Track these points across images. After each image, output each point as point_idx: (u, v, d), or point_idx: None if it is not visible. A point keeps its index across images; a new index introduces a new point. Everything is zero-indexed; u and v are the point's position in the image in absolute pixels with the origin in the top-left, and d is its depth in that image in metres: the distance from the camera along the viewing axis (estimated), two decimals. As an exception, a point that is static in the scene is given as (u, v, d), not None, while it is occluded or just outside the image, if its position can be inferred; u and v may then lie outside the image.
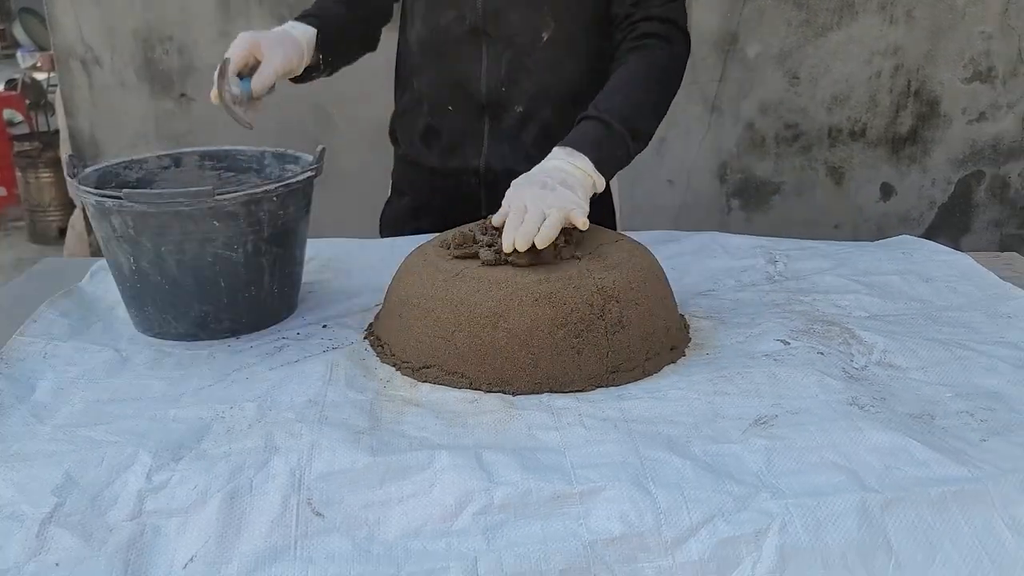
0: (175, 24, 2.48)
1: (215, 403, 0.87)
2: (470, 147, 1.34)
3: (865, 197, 2.65)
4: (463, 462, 0.74)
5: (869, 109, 2.55)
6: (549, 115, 1.30)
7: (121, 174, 1.13)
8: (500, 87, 1.29)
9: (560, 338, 0.88)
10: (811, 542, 0.65)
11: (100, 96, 2.56)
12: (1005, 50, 2.48)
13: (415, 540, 0.67)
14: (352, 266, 1.27)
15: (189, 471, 0.74)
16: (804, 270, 1.24)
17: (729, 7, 2.44)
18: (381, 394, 0.89)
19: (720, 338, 1.02)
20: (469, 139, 1.34)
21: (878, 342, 0.98)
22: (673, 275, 1.10)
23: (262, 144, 1.20)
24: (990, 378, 0.90)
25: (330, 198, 2.01)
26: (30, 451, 0.78)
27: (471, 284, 0.91)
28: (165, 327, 1.02)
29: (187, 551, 0.66)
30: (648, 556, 0.65)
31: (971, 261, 1.25)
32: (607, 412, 0.84)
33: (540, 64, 1.27)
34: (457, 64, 1.29)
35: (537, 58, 1.27)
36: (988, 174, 2.63)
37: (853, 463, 0.74)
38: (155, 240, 0.97)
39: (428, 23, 1.30)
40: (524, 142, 1.31)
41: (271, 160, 1.17)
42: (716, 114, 2.56)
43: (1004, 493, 0.69)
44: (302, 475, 0.73)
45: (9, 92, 5.09)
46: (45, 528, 0.68)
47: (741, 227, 2.65)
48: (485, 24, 1.25)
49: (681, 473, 0.73)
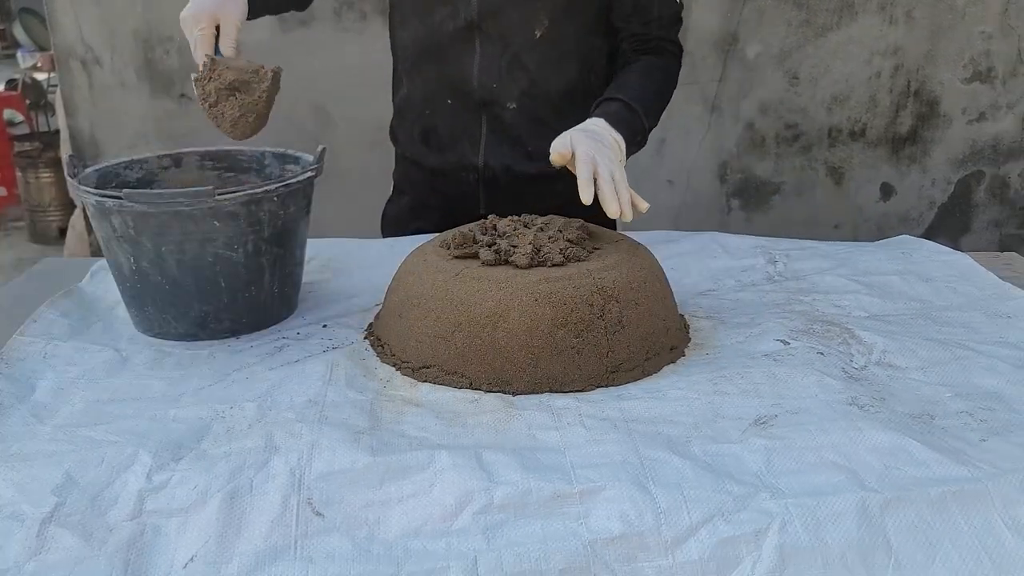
0: (175, 24, 2.45)
1: (215, 403, 0.87)
2: (467, 145, 1.34)
3: (865, 197, 2.65)
4: (463, 462, 0.74)
5: (869, 109, 2.55)
6: (544, 112, 1.30)
7: (121, 174, 1.13)
8: (493, 84, 1.29)
9: (560, 338, 0.88)
10: (811, 542, 0.65)
11: (100, 96, 2.56)
12: (1005, 50, 2.48)
13: (415, 540, 0.67)
14: (352, 266, 1.27)
15: (189, 471, 0.74)
16: (804, 270, 1.24)
17: (729, 7, 2.44)
18: (381, 394, 0.89)
19: (720, 338, 1.02)
20: (466, 137, 1.34)
21: (878, 342, 0.98)
22: (673, 275, 1.10)
23: (262, 144, 1.20)
24: (990, 378, 0.90)
25: (330, 198, 2.01)
26: (30, 451, 0.78)
27: (471, 284, 0.91)
28: (165, 327, 1.02)
29: (187, 551, 0.66)
30: (648, 556, 0.65)
31: (971, 261, 1.25)
32: (607, 412, 0.84)
33: (534, 61, 1.28)
34: (451, 61, 1.30)
35: (531, 55, 1.27)
36: (988, 174, 2.63)
37: (853, 463, 0.74)
38: (155, 240, 0.97)
39: (422, 20, 1.30)
40: (521, 140, 1.31)
41: (271, 160, 1.17)
42: (716, 114, 2.56)
43: (1004, 493, 0.69)
44: (302, 475, 0.73)
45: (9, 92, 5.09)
46: (45, 528, 0.68)
47: (741, 227, 2.65)
48: (480, 20, 1.25)
49: (681, 473, 0.73)
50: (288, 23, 2.46)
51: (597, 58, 1.31)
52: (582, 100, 1.26)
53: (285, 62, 1.16)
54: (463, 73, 1.30)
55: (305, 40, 2.44)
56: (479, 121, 1.32)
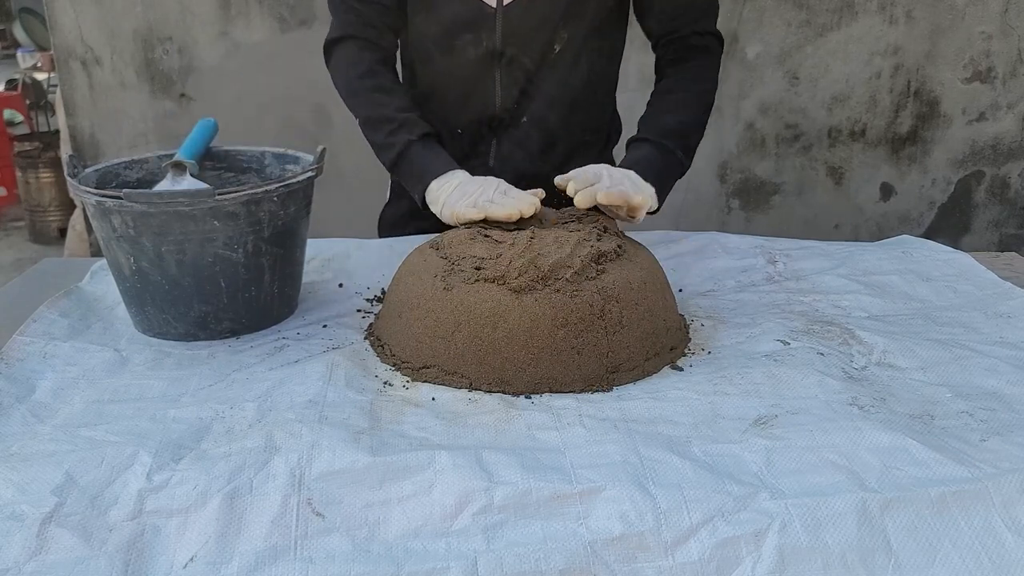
0: (175, 24, 2.48)
1: (215, 403, 0.87)
2: (477, 159, 1.33)
3: (865, 197, 2.65)
4: (463, 462, 0.74)
5: (869, 109, 2.55)
6: (553, 121, 1.31)
7: (121, 174, 1.13)
8: (514, 105, 1.29)
9: (560, 338, 0.88)
10: (811, 542, 0.65)
11: (100, 96, 2.56)
12: (1005, 50, 2.48)
13: (415, 540, 0.67)
14: (352, 266, 1.27)
15: (189, 471, 0.74)
16: (804, 270, 1.24)
17: (729, 7, 2.44)
18: (381, 394, 0.89)
19: (720, 338, 1.02)
20: (477, 151, 1.33)
21: (878, 342, 0.98)
22: (673, 275, 1.10)
23: (262, 144, 1.20)
24: (990, 378, 0.90)
25: (330, 198, 2.02)
26: (30, 451, 0.78)
27: (471, 284, 0.91)
28: (165, 327, 1.02)
29: (187, 551, 0.66)
30: (648, 556, 0.65)
31: (971, 260, 1.25)
32: (607, 412, 0.84)
33: (549, 78, 1.28)
34: (470, 86, 1.28)
35: (546, 72, 1.27)
36: (988, 174, 2.63)
37: (853, 463, 0.74)
38: (155, 240, 0.97)
39: (441, 45, 1.26)
40: (529, 148, 1.32)
41: (271, 160, 1.17)
42: (716, 114, 2.55)
43: (1004, 493, 0.69)
44: (302, 475, 0.73)
45: (9, 92, 5.10)
46: (45, 528, 0.68)
47: (741, 227, 2.65)
48: (503, 46, 1.24)
49: (681, 473, 0.73)
50: (288, 23, 2.47)
51: (600, 62, 1.32)
52: (585, 106, 1.27)
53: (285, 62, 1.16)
54: (483, 99, 1.29)
55: (305, 40, 2.44)
56: (490, 137, 1.32)
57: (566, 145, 1.32)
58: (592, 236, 0.97)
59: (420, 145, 1.17)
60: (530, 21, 1.22)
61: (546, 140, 1.31)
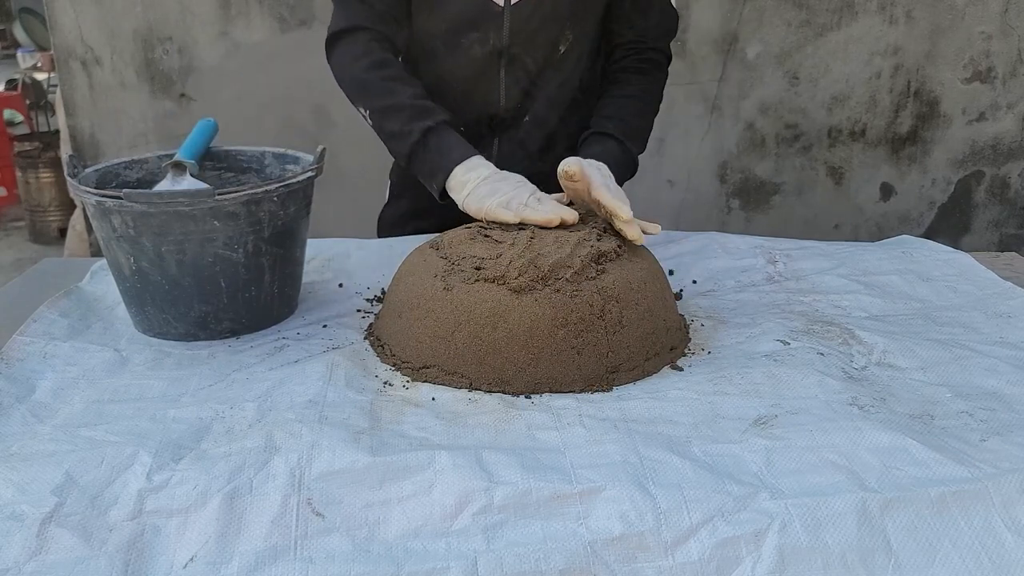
0: (175, 24, 2.48)
1: (215, 403, 0.87)
2: None
3: (865, 197, 2.65)
4: (463, 462, 0.74)
5: (869, 109, 2.55)
6: (553, 121, 1.32)
7: (121, 174, 1.13)
8: (517, 105, 1.29)
9: (560, 338, 0.88)
10: (811, 542, 0.65)
11: (100, 96, 2.56)
12: (1005, 50, 2.48)
13: (415, 540, 0.67)
14: (352, 266, 1.27)
15: (189, 471, 0.74)
16: (804, 270, 1.24)
17: (729, 7, 2.44)
18: (381, 394, 0.89)
19: (720, 338, 1.02)
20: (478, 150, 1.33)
21: (878, 342, 0.98)
22: (673, 275, 1.10)
23: (262, 144, 1.20)
24: (990, 378, 0.90)
25: (330, 198, 2.02)
26: (30, 451, 0.78)
27: (471, 284, 0.91)
28: (165, 327, 1.02)
29: (187, 551, 0.66)
30: (648, 556, 0.65)
31: (971, 260, 1.25)
32: (607, 412, 0.84)
33: (552, 78, 1.28)
34: (473, 85, 1.28)
35: (550, 72, 1.28)
36: (988, 174, 2.63)
37: (853, 463, 0.74)
38: (155, 240, 0.97)
39: (446, 43, 1.26)
40: (529, 147, 1.33)
41: (271, 160, 1.18)
42: (716, 114, 2.56)
43: (1004, 493, 0.69)
44: (302, 475, 0.73)
45: (9, 92, 5.10)
46: (45, 528, 0.68)
47: (741, 227, 2.65)
48: (510, 46, 1.24)
49: (681, 473, 0.73)
50: (288, 23, 2.47)
51: (595, 62, 1.33)
52: (580, 105, 1.27)
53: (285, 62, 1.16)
54: (487, 98, 1.29)
55: (305, 40, 2.44)
56: (492, 136, 1.32)
57: (565, 145, 1.33)
58: (592, 236, 0.97)
59: (441, 131, 1.15)
60: (537, 20, 1.22)
61: (546, 140, 1.32)
